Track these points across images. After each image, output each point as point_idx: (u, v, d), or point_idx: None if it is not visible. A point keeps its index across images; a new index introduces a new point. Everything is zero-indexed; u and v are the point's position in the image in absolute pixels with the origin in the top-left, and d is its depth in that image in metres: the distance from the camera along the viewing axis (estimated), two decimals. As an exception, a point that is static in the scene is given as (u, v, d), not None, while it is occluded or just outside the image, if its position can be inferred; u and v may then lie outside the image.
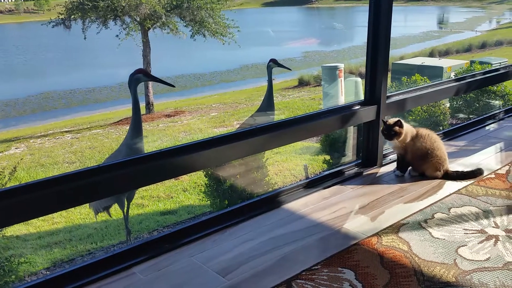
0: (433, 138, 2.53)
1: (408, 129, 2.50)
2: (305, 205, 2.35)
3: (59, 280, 1.75)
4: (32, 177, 5.52)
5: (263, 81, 4.49)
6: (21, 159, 5.97)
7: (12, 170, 3.15)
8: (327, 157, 5.11)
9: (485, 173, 2.55)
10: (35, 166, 5.96)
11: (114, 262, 1.85)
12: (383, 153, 2.86)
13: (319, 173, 3.05)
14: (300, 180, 2.68)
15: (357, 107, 2.68)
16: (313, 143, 6.31)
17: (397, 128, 2.44)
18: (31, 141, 7.26)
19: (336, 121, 2.61)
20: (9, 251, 3.11)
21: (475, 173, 2.53)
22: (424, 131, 2.54)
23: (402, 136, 2.44)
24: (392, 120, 2.47)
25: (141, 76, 3.53)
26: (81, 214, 4.56)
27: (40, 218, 4.40)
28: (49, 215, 4.50)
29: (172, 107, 9.89)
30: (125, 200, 3.73)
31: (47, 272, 3.56)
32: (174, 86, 3.44)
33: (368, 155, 2.81)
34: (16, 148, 6.83)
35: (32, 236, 4.23)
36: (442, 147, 2.53)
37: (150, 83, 9.20)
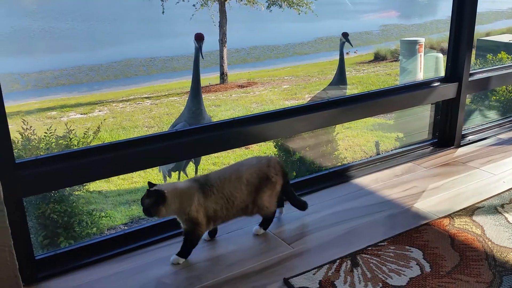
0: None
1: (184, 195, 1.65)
2: (375, 181, 2.32)
3: (136, 235, 1.88)
4: (114, 138, 5.86)
5: (337, 54, 4.42)
6: (104, 119, 6.33)
7: (96, 130, 3.37)
8: (401, 135, 4.97)
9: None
10: (117, 128, 6.32)
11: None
12: (462, 133, 2.74)
13: (391, 150, 2.98)
14: (371, 156, 2.64)
15: (436, 84, 2.58)
16: (386, 119, 6.14)
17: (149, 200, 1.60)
18: (113, 105, 7.68)
19: (413, 97, 2.53)
20: (91, 205, 3.36)
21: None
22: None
23: (163, 212, 1.61)
24: (160, 187, 1.62)
25: (194, 40, 3.68)
26: (158, 176, 4.80)
27: (121, 176, 4.69)
28: (129, 174, 4.79)
29: (245, 78, 9.99)
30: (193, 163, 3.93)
31: (125, 227, 3.82)
32: (203, 58, 3.54)
33: (445, 135, 2.71)
34: (99, 111, 7.26)
35: (112, 193, 4.53)
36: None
37: (225, 54, 9.34)
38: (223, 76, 9.39)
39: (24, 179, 1.56)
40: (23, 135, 3.00)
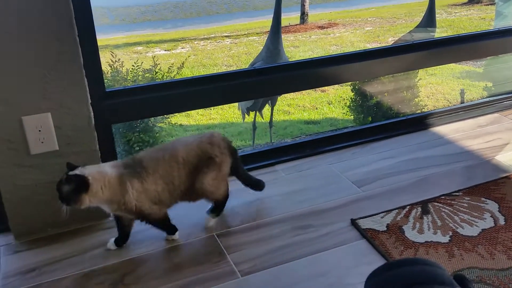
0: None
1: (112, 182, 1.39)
2: (456, 130, 2.24)
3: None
4: (194, 75, 6.04)
5: (428, -6, 4.13)
6: (188, 56, 6.50)
7: (180, 66, 3.50)
8: (489, 84, 4.65)
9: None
10: (197, 65, 6.48)
11: (260, 158, 2.02)
12: (559, 84, 2.53)
13: (478, 99, 2.83)
14: (454, 105, 2.53)
15: (535, 29, 2.37)
16: (475, 67, 5.74)
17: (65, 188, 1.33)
18: (195, 42, 7.83)
19: (506, 43, 2.35)
20: (172, 137, 3.54)
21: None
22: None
23: (86, 201, 1.36)
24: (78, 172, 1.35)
25: None
26: (234, 114, 4.93)
27: (200, 112, 4.87)
28: (207, 110, 4.97)
29: (326, 19, 9.67)
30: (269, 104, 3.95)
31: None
32: None
33: (540, 85, 2.51)
34: (182, 48, 7.45)
35: (192, 128, 4.75)
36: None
37: (307, -8, 9.05)
38: (303, 16, 9.15)
39: (113, 107, 1.68)
40: (112, 67, 3.19)
